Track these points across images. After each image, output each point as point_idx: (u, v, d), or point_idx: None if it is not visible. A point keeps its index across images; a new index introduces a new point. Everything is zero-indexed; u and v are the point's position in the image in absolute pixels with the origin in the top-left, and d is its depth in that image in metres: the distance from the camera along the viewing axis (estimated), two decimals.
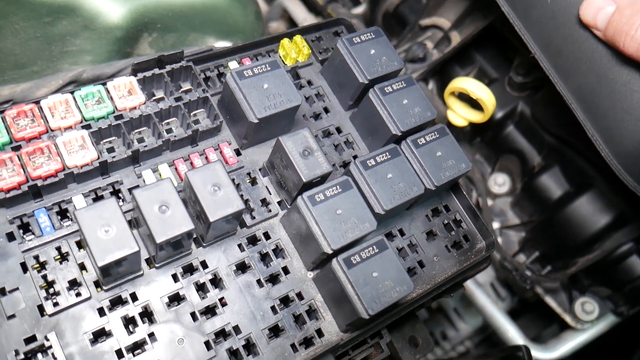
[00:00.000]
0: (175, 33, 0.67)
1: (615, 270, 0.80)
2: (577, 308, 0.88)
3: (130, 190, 0.48)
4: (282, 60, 0.58)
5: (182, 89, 0.52)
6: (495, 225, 0.94)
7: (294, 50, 0.57)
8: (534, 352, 0.90)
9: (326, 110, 0.58)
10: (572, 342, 0.90)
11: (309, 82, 0.58)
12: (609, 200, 0.78)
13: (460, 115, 0.77)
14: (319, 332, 0.48)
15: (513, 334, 0.90)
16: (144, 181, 0.48)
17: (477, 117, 0.76)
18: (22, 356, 0.40)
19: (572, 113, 0.64)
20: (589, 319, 0.87)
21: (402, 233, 0.54)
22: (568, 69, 0.62)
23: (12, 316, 0.41)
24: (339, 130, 0.57)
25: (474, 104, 0.78)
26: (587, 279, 0.85)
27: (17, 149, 0.44)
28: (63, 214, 0.46)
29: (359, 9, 1.09)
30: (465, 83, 0.71)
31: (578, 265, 0.80)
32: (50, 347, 0.41)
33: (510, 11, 0.65)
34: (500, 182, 0.94)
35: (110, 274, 0.42)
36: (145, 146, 0.48)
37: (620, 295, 0.83)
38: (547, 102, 0.81)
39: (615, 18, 0.55)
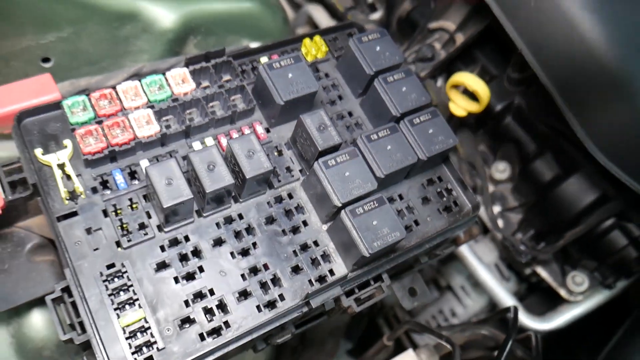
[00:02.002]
0: (216, 36, 0.80)
1: (600, 243, 0.89)
2: (569, 281, 0.97)
3: (183, 157, 0.60)
4: (304, 57, 0.70)
5: (223, 79, 0.65)
6: (497, 208, 1.04)
7: (314, 48, 0.70)
8: (532, 323, 0.98)
9: (340, 97, 0.69)
10: (567, 314, 0.99)
11: (326, 75, 0.70)
12: (592, 181, 0.87)
13: (460, 106, 0.88)
14: (331, 272, 0.59)
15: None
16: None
17: (474, 107, 0.87)
18: (104, 277, 0.53)
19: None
20: (580, 290, 0.96)
21: (401, 197, 0.65)
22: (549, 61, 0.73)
23: (97, 249, 0.54)
24: (350, 114, 0.69)
25: (473, 97, 0.89)
26: (577, 253, 0.94)
27: (99, 122, 0.57)
28: (132, 174, 0.58)
29: (376, 15, 1.20)
30: (462, 77, 0.82)
31: (566, 239, 0.89)
32: (125, 272, 0.53)
33: (499, 13, 0.76)
34: (501, 169, 1.04)
35: (169, 220, 0.55)
36: (195, 123, 0.60)
37: (605, 267, 0.92)
38: (538, 95, 0.91)
39: None
